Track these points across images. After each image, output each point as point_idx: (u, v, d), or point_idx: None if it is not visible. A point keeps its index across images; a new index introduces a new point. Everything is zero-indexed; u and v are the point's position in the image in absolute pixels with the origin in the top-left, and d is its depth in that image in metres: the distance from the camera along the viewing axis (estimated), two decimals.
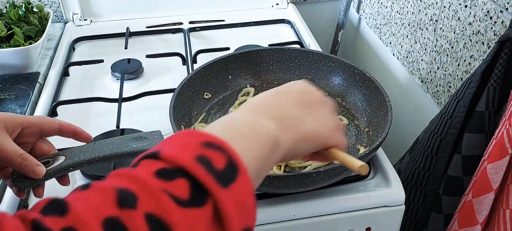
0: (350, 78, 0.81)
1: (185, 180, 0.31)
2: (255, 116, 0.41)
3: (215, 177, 0.31)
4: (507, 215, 0.62)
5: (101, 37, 1.10)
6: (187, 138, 0.34)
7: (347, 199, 0.67)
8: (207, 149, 0.33)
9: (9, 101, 0.87)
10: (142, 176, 0.30)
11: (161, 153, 0.32)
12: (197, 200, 0.30)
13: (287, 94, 0.46)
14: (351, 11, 1.30)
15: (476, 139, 0.69)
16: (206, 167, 0.31)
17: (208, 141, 0.33)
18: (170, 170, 0.31)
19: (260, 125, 0.40)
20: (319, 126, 0.45)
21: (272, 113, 0.42)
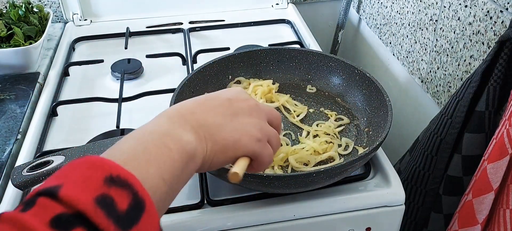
0: (350, 78, 0.81)
1: (83, 227, 0.28)
2: (170, 127, 0.40)
3: (116, 222, 0.29)
4: (507, 215, 0.62)
5: (101, 37, 1.10)
6: (91, 171, 0.31)
7: (347, 199, 0.67)
8: (111, 187, 0.30)
9: (9, 101, 0.87)
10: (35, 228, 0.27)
11: (60, 193, 0.29)
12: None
13: (211, 102, 0.45)
14: (351, 11, 1.30)
15: (476, 139, 0.69)
16: (107, 211, 0.29)
17: (113, 175, 0.31)
18: (67, 217, 0.29)
19: (174, 139, 0.38)
20: (240, 135, 0.44)
21: (189, 122, 0.41)
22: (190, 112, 0.42)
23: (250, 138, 0.44)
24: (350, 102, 0.81)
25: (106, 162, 0.32)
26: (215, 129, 0.42)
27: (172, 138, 0.38)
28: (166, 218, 0.64)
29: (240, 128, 0.44)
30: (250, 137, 0.44)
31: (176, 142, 0.38)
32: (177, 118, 0.41)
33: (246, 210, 0.65)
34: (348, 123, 0.78)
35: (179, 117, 0.41)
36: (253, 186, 0.63)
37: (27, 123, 0.83)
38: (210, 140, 0.42)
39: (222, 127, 0.43)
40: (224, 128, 0.43)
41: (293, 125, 0.78)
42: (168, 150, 0.37)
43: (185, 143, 0.39)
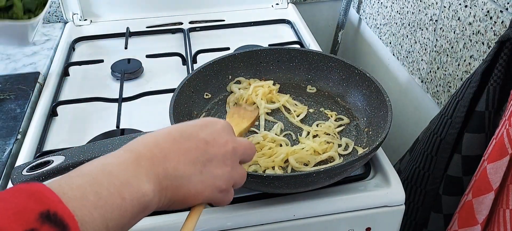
0: (350, 78, 0.81)
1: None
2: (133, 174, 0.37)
3: None
4: (507, 215, 0.62)
5: (101, 37, 1.10)
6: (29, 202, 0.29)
7: (347, 199, 0.67)
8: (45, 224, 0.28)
9: (9, 101, 0.87)
10: None
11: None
12: None
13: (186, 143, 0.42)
14: (351, 11, 1.30)
15: (476, 139, 0.69)
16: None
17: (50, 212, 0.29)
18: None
19: (131, 190, 0.36)
20: (205, 188, 0.42)
21: (155, 170, 0.38)
22: (163, 156, 0.40)
23: (214, 190, 0.43)
24: (350, 102, 0.81)
25: (48, 195, 0.30)
26: (181, 181, 0.40)
27: (130, 188, 0.36)
28: (166, 218, 0.64)
29: (208, 180, 0.42)
30: (214, 188, 0.43)
31: (133, 193, 0.36)
32: (145, 161, 0.38)
33: (246, 210, 0.65)
34: (348, 123, 0.78)
35: (148, 160, 0.38)
36: (253, 186, 0.63)
37: (27, 123, 0.83)
38: (171, 191, 0.40)
39: (189, 179, 0.41)
40: (191, 180, 0.41)
41: (293, 125, 0.78)
42: (121, 200, 0.35)
43: (142, 195, 0.37)
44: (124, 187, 0.36)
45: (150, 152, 0.39)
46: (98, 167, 0.36)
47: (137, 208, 0.36)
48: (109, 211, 0.34)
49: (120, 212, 0.35)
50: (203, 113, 0.79)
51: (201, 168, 0.42)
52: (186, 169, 0.40)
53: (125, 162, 0.38)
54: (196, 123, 0.44)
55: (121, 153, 0.39)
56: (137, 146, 0.40)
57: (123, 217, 0.35)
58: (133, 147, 0.39)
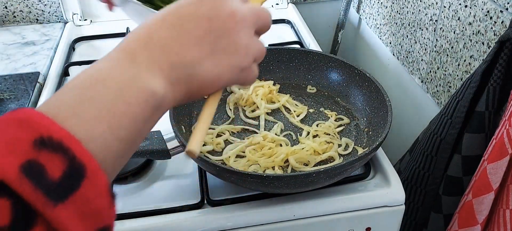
0: (350, 78, 0.81)
1: (6, 199, 0.24)
2: (132, 72, 0.31)
3: (46, 193, 0.25)
4: (507, 215, 0.62)
5: (101, 37, 1.10)
6: (19, 130, 0.26)
7: (347, 199, 0.67)
8: (41, 151, 0.25)
9: (9, 101, 0.87)
10: None
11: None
12: (22, 225, 0.24)
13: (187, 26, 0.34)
14: (351, 11, 1.30)
15: (476, 139, 0.69)
16: (34, 180, 0.25)
17: (46, 136, 0.26)
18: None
19: (135, 91, 0.31)
20: (222, 70, 0.35)
21: (158, 63, 0.32)
22: (161, 46, 0.33)
23: (233, 70, 0.36)
24: (350, 102, 0.81)
25: (38, 120, 0.26)
26: (192, 69, 0.34)
27: (134, 89, 0.31)
28: (166, 218, 0.64)
29: (222, 61, 0.35)
30: (233, 68, 0.36)
31: (139, 94, 0.31)
32: (143, 56, 0.32)
33: (246, 210, 0.65)
34: (348, 123, 0.78)
35: (147, 55, 0.32)
36: (253, 186, 0.63)
37: None
38: (185, 82, 0.34)
39: (201, 64, 0.34)
40: (202, 64, 0.34)
41: (293, 125, 0.78)
42: (126, 106, 0.30)
43: (151, 94, 0.31)
44: (126, 90, 0.30)
45: (145, 46, 0.33)
46: (89, 76, 0.31)
47: (148, 110, 0.31)
48: (116, 121, 0.29)
49: (130, 119, 0.30)
50: None
51: (210, 48, 0.35)
52: (193, 54, 0.34)
53: (118, 63, 0.32)
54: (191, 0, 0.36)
55: (112, 54, 0.32)
56: (128, 42, 0.33)
57: (136, 123, 0.30)
58: (123, 45, 0.33)
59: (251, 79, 0.39)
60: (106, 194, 0.28)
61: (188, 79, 0.34)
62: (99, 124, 0.28)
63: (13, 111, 0.27)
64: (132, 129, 0.30)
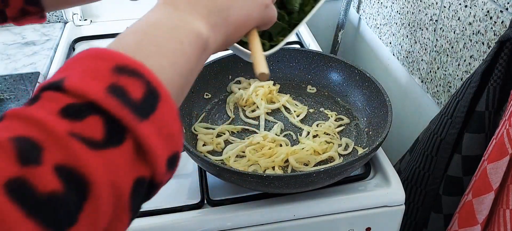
0: (350, 78, 0.81)
1: (97, 117, 0.26)
2: (178, 17, 0.35)
3: (133, 110, 0.27)
4: (507, 215, 0.62)
5: (101, 37, 1.10)
6: (96, 61, 0.29)
7: (347, 199, 0.67)
8: (121, 76, 0.28)
9: (9, 101, 0.87)
10: (45, 118, 0.25)
11: (66, 84, 0.27)
12: (114, 139, 0.27)
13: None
14: (351, 11, 1.30)
15: (476, 139, 0.69)
16: (120, 99, 0.27)
17: (122, 65, 0.28)
18: (78, 106, 0.26)
19: (185, 30, 0.34)
20: (251, 8, 0.41)
21: (197, 9, 0.36)
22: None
23: (260, 7, 0.42)
24: (350, 102, 0.81)
25: (112, 53, 0.29)
26: (226, 11, 0.38)
27: (182, 30, 0.34)
28: (166, 218, 0.64)
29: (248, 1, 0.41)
30: (259, 6, 0.42)
31: (187, 34, 0.34)
32: (183, 5, 0.36)
33: (246, 210, 0.65)
34: (348, 123, 0.78)
35: (186, 4, 0.36)
36: (253, 186, 0.63)
37: None
38: (222, 25, 0.38)
39: (232, 7, 0.39)
40: (234, 7, 0.39)
41: (293, 125, 0.78)
42: (179, 44, 0.33)
43: (197, 35, 0.35)
44: (176, 31, 0.34)
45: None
46: (142, 24, 0.34)
47: (197, 49, 0.35)
48: (174, 58, 0.33)
49: (184, 57, 0.33)
50: (203, 114, 0.79)
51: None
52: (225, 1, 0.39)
53: (164, 12, 0.36)
54: None
55: (155, 8, 0.37)
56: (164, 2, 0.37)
57: (189, 62, 0.34)
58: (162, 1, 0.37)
59: (273, 16, 0.44)
60: (178, 120, 0.31)
61: (225, 22, 0.38)
62: (161, 59, 0.31)
63: (83, 51, 0.30)
64: (187, 66, 0.34)
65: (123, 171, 0.27)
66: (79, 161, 0.25)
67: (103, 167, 0.26)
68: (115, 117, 0.27)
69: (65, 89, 0.27)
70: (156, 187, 0.30)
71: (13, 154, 0.23)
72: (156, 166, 0.29)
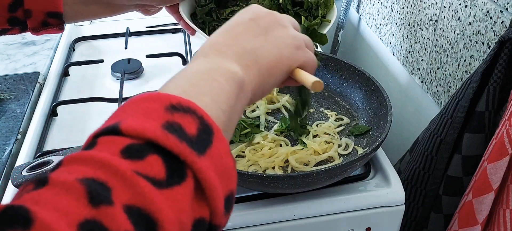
0: (350, 78, 0.81)
1: (157, 156, 0.27)
2: (212, 62, 0.37)
3: (190, 145, 0.27)
4: (507, 215, 0.62)
5: (101, 37, 1.10)
6: (148, 103, 0.29)
7: (347, 199, 0.67)
8: (174, 113, 0.29)
9: (9, 101, 0.87)
10: (108, 159, 0.25)
11: (122, 126, 0.27)
12: (176, 177, 0.27)
13: (237, 29, 0.41)
14: (351, 11, 1.30)
15: (476, 139, 0.69)
16: (177, 135, 0.27)
17: (174, 103, 0.29)
18: (138, 146, 0.27)
19: (220, 71, 0.36)
20: (280, 50, 0.42)
21: (228, 54, 0.38)
22: (225, 45, 0.39)
23: (290, 49, 0.42)
24: (350, 102, 0.81)
25: (162, 94, 0.30)
26: (255, 54, 0.40)
27: (219, 71, 0.36)
28: None
29: (277, 43, 0.42)
30: (289, 48, 0.42)
31: (223, 73, 0.36)
32: (214, 54, 0.38)
33: (246, 210, 0.65)
34: (348, 123, 0.78)
35: (217, 53, 0.38)
36: (253, 186, 0.63)
37: (27, 123, 0.83)
38: (254, 66, 0.39)
39: (261, 49, 0.40)
40: (263, 50, 0.40)
41: None
42: (218, 83, 0.35)
43: (233, 74, 0.36)
44: (213, 72, 0.35)
45: (213, 48, 0.39)
46: (181, 73, 0.36)
47: (235, 87, 0.36)
48: (215, 95, 0.33)
49: (224, 94, 0.34)
50: None
51: (264, 37, 0.41)
52: (251, 44, 0.40)
53: (198, 61, 0.38)
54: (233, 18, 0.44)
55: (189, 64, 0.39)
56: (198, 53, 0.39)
57: (229, 98, 0.35)
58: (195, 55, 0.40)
59: (310, 57, 0.45)
60: (231, 156, 0.31)
61: (256, 63, 0.39)
62: (204, 97, 0.32)
63: (133, 97, 0.31)
64: (228, 103, 0.34)
65: (186, 210, 0.27)
66: (147, 200, 0.24)
67: (169, 206, 0.25)
68: (174, 152, 0.27)
69: (122, 132, 0.27)
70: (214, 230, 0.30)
71: (83, 195, 0.23)
72: (215, 205, 0.28)
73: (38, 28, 0.56)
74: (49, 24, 0.56)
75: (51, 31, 0.58)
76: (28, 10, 0.54)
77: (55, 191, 0.23)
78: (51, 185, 0.24)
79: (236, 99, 0.36)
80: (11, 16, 0.54)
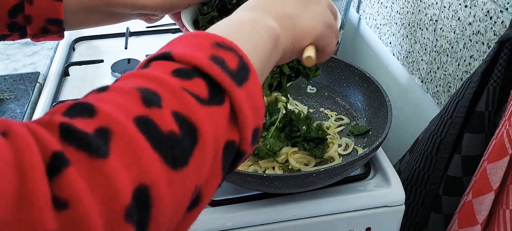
0: (350, 78, 0.81)
1: (202, 79, 0.31)
2: (255, 15, 0.41)
3: (230, 76, 0.31)
4: (507, 215, 0.62)
5: (101, 37, 1.10)
6: (197, 38, 0.33)
7: (347, 199, 0.67)
8: (219, 49, 0.32)
9: (9, 101, 0.87)
10: (160, 75, 0.30)
11: (174, 54, 0.31)
12: (216, 99, 0.31)
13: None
14: (351, 11, 1.30)
15: (476, 139, 0.69)
16: (220, 66, 0.31)
17: (219, 41, 0.33)
18: (186, 70, 0.31)
19: (261, 24, 0.40)
20: (316, 22, 0.45)
21: (270, 13, 0.42)
22: (269, 5, 0.43)
23: (323, 25, 0.46)
24: (350, 102, 0.81)
25: (209, 33, 0.34)
26: (294, 19, 0.43)
27: (260, 24, 0.39)
28: None
29: (315, 15, 0.45)
30: (323, 23, 0.46)
31: (264, 27, 0.39)
32: (259, 9, 0.42)
33: (246, 210, 0.65)
34: (348, 123, 0.78)
35: (261, 8, 0.42)
36: (253, 186, 0.63)
37: None
38: (291, 29, 0.43)
39: (300, 17, 0.44)
40: (301, 18, 0.44)
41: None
42: (258, 33, 0.38)
43: (271, 28, 0.40)
44: (255, 24, 0.39)
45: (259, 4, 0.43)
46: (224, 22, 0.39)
47: (271, 41, 0.39)
48: (255, 44, 0.37)
49: (262, 44, 0.38)
50: None
51: (304, 8, 0.45)
52: (292, 10, 0.44)
53: (244, 13, 0.41)
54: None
55: (236, 13, 0.42)
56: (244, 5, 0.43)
57: (266, 49, 0.38)
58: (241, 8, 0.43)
59: (333, 42, 0.49)
60: (262, 96, 0.35)
61: (293, 27, 0.43)
62: (245, 43, 0.36)
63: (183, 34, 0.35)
64: (264, 53, 0.38)
65: (222, 129, 0.31)
66: (191, 110, 0.29)
67: (208, 120, 0.29)
68: (216, 79, 0.31)
69: (173, 58, 0.31)
70: (241, 156, 0.34)
71: (138, 97, 0.28)
72: (245, 133, 0.32)
73: (37, 35, 0.56)
74: (49, 30, 0.57)
75: (51, 38, 0.58)
76: (29, 16, 0.54)
77: (114, 93, 0.28)
78: (111, 90, 0.28)
79: (271, 51, 0.39)
80: (11, 21, 0.55)
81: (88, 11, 0.59)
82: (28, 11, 0.54)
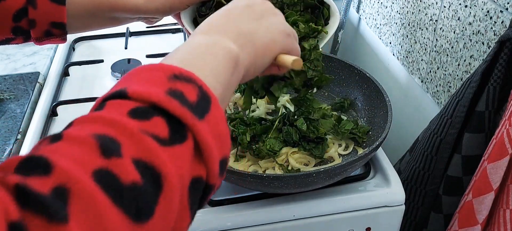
0: (350, 78, 0.81)
1: (161, 117, 0.29)
2: (211, 38, 0.40)
3: (190, 110, 0.30)
4: (507, 215, 0.62)
5: (101, 37, 1.10)
6: (153, 72, 0.32)
7: (347, 199, 0.67)
8: (176, 82, 0.31)
9: (9, 101, 0.87)
10: (117, 118, 0.28)
11: (129, 91, 0.30)
12: (178, 136, 0.29)
13: (234, 12, 0.44)
14: (351, 11, 1.30)
15: (476, 139, 0.69)
16: (180, 101, 0.30)
17: (176, 73, 0.32)
18: (144, 109, 0.29)
19: (219, 47, 0.39)
20: (274, 35, 0.45)
21: (226, 33, 0.41)
22: (222, 25, 0.42)
23: (282, 35, 0.46)
24: (350, 102, 0.81)
25: (164, 65, 0.33)
26: (251, 35, 0.43)
27: (217, 47, 0.39)
28: None
29: (271, 28, 0.45)
30: (281, 34, 0.45)
31: (221, 49, 0.38)
32: (213, 32, 0.41)
33: (246, 210, 0.65)
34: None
35: (215, 31, 0.41)
36: (253, 186, 0.63)
37: (27, 123, 0.83)
38: (249, 47, 0.42)
39: (256, 33, 0.43)
40: (258, 33, 0.43)
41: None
42: (216, 57, 0.37)
43: (229, 50, 0.39)
44: (212, 47, 0.38)
45: (211, 28, 0.42)
46: (183, 47, 0.38)
47: (231, 63, 0.38)
48: (213, 68, 0.36)
49: (221, 68, 0.37)
50: None
51: (259, 22, 0.44)
52: (247, 27, 0.43)
53: (199, 37, 0.40)
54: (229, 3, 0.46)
55: (190, 38, 0.41)
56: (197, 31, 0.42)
57: (226, 73, 0.37)
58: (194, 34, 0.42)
59: (297, 48, 0.48)
60: (226, 124, 0.33)
61: (251, 43, 0.42)
62: (204, 70, 0.35)
63: (137, 67, 0.33)
64: (225, 76, 0.37)
65: (186, 167, 0.29)
66: (152, 155, 0.27)
67: (171, 162, 0.28)
68: (176, 115, 0.30)
69: (129, 96, 0.30)
70: (210, 190, 0.32)
71: (96, 147, 0.26)
72: (211, 166, 0.31)
73: (41, 38, 0.57)
74: (52, 34, 0.57)
75: (54, 41, 0.59)
76: (33, 20, 0.55)
77: (70, 144, 0.26)
78: (66, 139, 0.27)
79: (231, 73, 0.38)
80: (16, 25, 0.55)
81: (91, 16, 0.60)
82: (32, 15, 0.55)
